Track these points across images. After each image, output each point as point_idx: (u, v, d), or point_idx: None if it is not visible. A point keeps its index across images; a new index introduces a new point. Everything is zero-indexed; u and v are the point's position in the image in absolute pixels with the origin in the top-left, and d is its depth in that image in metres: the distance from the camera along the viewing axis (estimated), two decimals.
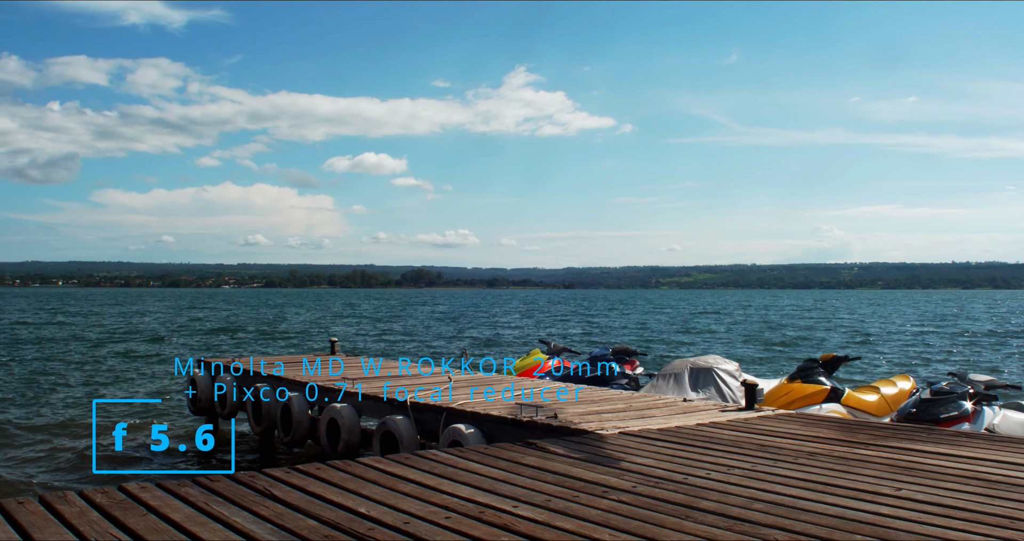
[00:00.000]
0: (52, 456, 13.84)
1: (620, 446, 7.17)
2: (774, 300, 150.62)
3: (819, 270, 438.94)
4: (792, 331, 50.99)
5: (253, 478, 5.81)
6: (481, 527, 4.70)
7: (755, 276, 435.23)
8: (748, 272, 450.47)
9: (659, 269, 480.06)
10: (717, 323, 62.03)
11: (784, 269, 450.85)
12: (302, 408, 11.60)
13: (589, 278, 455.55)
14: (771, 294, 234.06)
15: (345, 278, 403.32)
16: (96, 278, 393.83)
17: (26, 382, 23.83)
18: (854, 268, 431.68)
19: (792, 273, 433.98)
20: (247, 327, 56.28)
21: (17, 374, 26.03)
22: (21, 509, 4.97)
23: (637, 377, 13.41)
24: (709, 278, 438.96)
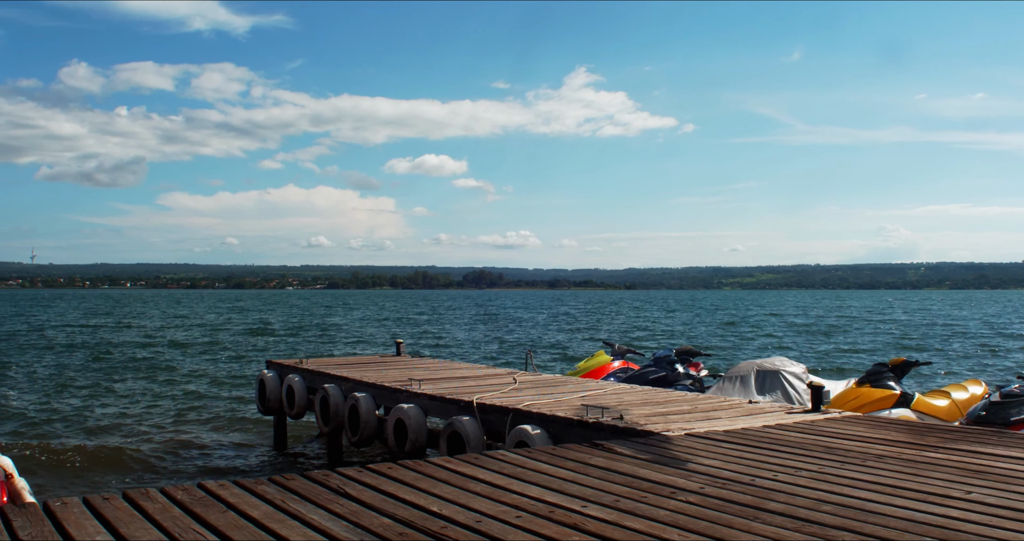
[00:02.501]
0: (130, 454, 14.18)
1: (686, 447, 7.20)
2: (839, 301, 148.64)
3: (884, 270, 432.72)
4: (859, 333, 50.36)
5: (327, 477, 5.95)
6: (551, 526, 4.78)
7: (819, 276, 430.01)
8: (812, 272, 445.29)
9: (721, 270, 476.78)
10: (782, 324, 61.45)
11: (848, 269, 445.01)
12: (370, 408, 11.77)
13: (650, 279, 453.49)
14: (835, 295, 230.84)
15: (407, 279, 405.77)
16: (163, 280, 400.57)
17: (103, 382, 24.41)
18: (920, 268, 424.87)
19: (857, 273, 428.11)
20: (312, 328, 56.91)
21: (93, 374, 26.65)
22: (107, 505, 5.15)
23: (702, 379, 13.39)
24: (772, 279, 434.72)
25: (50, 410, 18.91)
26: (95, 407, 19.41)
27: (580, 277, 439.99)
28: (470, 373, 13.37)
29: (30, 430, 16.29)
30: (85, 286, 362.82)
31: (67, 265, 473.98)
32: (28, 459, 13.34)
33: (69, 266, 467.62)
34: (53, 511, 4.99)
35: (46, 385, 23.79)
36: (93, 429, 16.47)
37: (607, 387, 11.52)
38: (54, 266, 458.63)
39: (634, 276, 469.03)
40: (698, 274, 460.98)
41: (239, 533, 4.62)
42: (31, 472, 12.31)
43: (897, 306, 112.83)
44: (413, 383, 11.61)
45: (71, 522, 4.77)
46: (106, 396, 21.36)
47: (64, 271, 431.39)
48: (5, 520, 4.80)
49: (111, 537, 4.53)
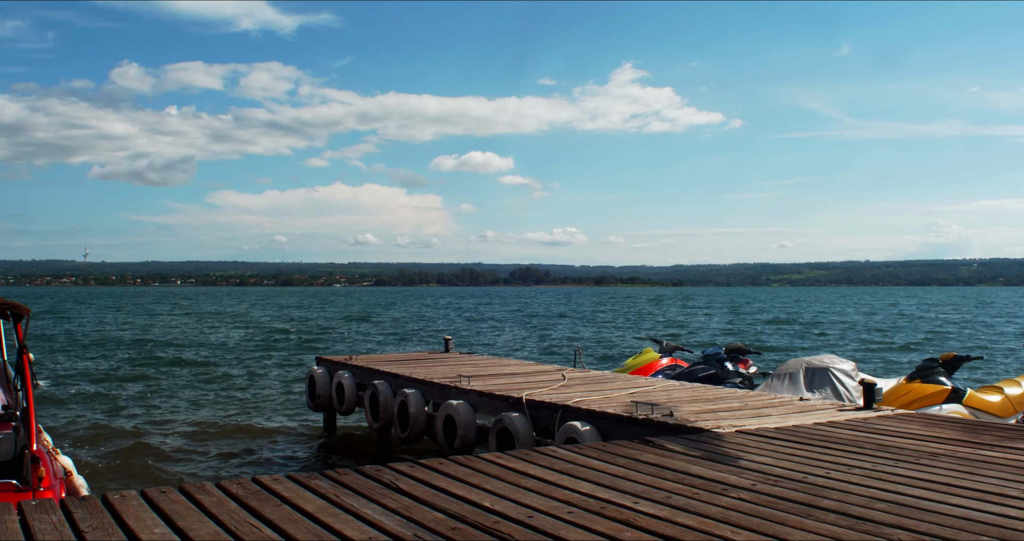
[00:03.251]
0: (184, 448, 14.37)
1: (737, 444, 7.18)
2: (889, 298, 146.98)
3: (936, 266, 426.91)
4: (910, 330, 49.80)
5: (379, 472, 6.01)
6: (603, 522, 4.79)
7: (869, 273, 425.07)
8: (861, 269, 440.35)
9: (770, 266, 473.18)
10: (831, 321, 60.90)
11: (899, 265, 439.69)
12: (419, 404, 11.84)
13: (698, 275, 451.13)
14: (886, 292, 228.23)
15: (453, 276, 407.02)
16: (213, 277, 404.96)
17: (156, 378, 24.76)
18: (973, 264, 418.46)
19: (907, 270, 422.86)
20: (360, 325, 57.27)
21: (146, 371, 27.03)
22: (164, 498, 5.24)
23: (751, 376, 13.33)
24: (821, 275, 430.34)
25: (105, 407, 19.21)
26: (149, 403, 19.69)
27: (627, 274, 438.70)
28: (519, 369, 13.40)
29: (86, 427, 16.56)
30: (136, 284, 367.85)
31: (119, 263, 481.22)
32: (85, 454, 13.57)
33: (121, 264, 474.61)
34: (112, 504, 5.09)
35: (100, 382, 24.18)
36: (147, 425, 16.70)
37: (656, 384, 11.49)
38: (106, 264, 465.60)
39: (681, 273, 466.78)
40: (746, 271, 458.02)
41: (294, 527, 4.68)
42: (87, 466, 12.53)
43: (948, 302, 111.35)
44: (462, 379, 11.65)
45: (130, 515, 4.86)
46: (159, 392, 21.66)
47: (116, 269, 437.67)
48: (66, 512, 4.90)
49: (169, 530, 4.61)
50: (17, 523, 4.68)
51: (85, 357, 32.13)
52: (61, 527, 4.62)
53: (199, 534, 4.53)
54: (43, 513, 4.87)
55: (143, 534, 4.51)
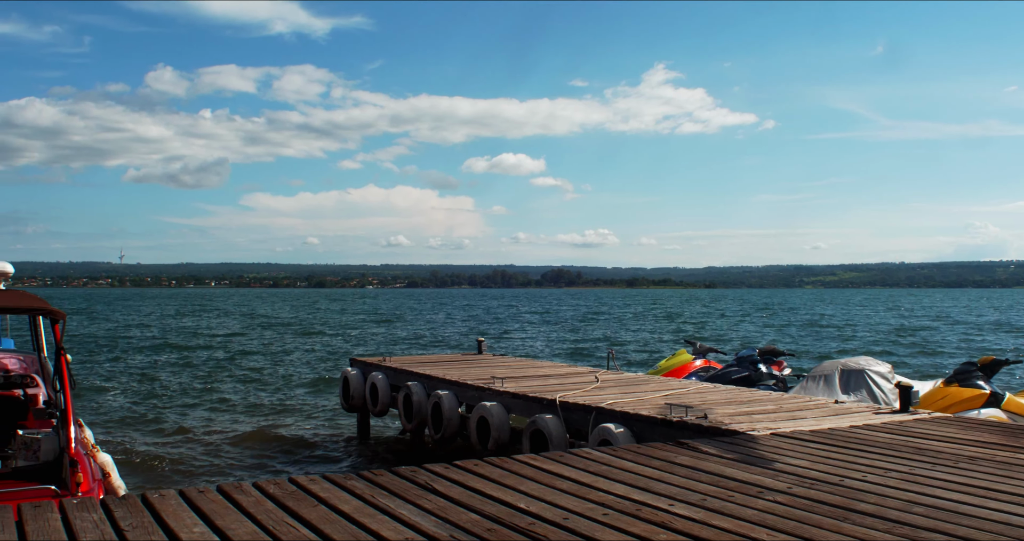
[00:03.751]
0: (220, 449, 14.49)
1: (772, 447, 7.15)
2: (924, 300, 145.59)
3: (972, 268, 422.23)
4: (947, 333, 49.33)
5: (415, 473, 6.04)
6: (639, 524, 4.79)
7: (903, 275, 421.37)
8: (896, 271, 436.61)
9: (803, 268, 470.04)
10: (865, 323, 60.44)
11: (934, 267, 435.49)
12: (452, 406, 11.87)
13: (730, 277, 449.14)
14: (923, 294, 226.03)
15: (485, 278, 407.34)
16: (246, 279, 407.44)
17: (192, 379, 24.96)
18: (1011, 266, 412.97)
19: (943, 271, 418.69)
20: (393, 326, 57.45)
21: (181, 372, 27.26)
22: (202, 497, 5.29)
23: (785, 378, 13.26)
24: (855, 277, 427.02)
25: (142, 406, 19.40)
26: (184, 404, 19.86)
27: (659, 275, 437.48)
28: (552, 371, 13.40)
29: (124, 425, 16.74)
30: (171, 285, 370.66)
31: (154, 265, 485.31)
32: (123, 453, 13.70)
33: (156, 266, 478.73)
34: (151, 503, 5.14)
35: (137, 382, 24.41)
36: (183, 425, 16.84)
37: (690, 386, 11.46)
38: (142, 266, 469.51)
39: (714, 274, 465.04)
40: (779, 272, 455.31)
41: (331, 527, 4.71)
42: (126, 465, 12.65)
43: (986, 304, 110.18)
44: (495, 381, 11.67)
45: (169, 513, 4.91)
46: (194, 393, 21.84)
47: (151, 271, 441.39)
48: (107, 510, 4.96)
49: (207, 529, 4.66)
50: (59, 521, 4.74)
51: (122, 357, 32.45)
52: (102, 525, 4.68)
53: (237, 533, 4.57)
54: (84, 511, 4.93)
55: (182, 533, 4.56)
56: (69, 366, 7.38)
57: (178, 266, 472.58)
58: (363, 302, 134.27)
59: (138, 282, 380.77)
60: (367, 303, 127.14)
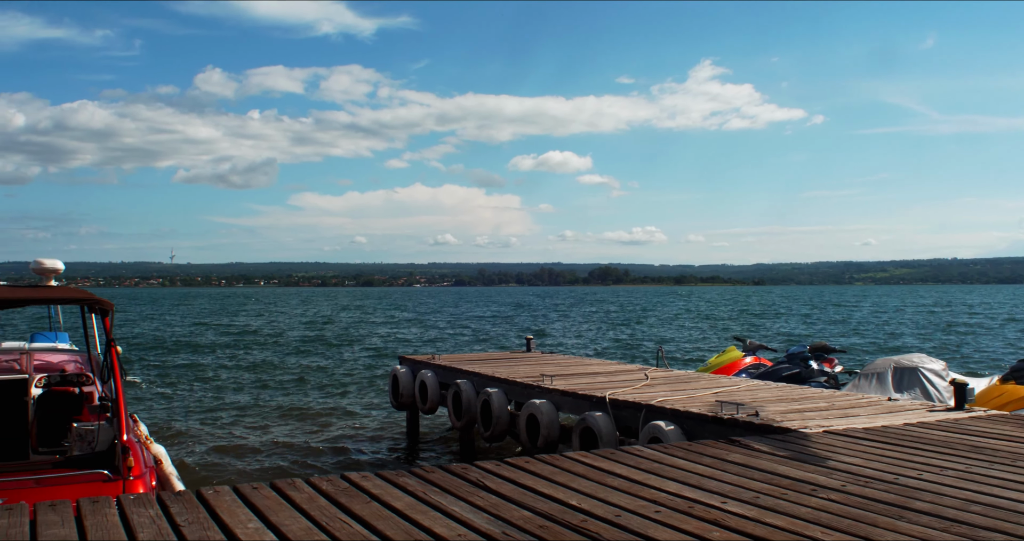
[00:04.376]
0: (270, 446, 14.63)
1: (825, 445, 7.09)
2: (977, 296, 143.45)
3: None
4: (1000, 330, 48.59)
5: (466, 470, 6.06)
6: (691, 522, 4.77)
7: (956, 271, 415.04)
8: (948, 267, 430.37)
9: (853, 264, 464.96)
10: (918, 320, 59.68)
11: (987, 263, 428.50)
12: (502, 404, 11.88)
13: (779, 274, 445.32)
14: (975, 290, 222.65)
15: (532, 276, 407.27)
16: (295, 278, 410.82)
17: (244, 377, 25.23)
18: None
19: (996, 267, 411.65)
20: (441, 325, 57.64)
21: (234, 370, 27.55)
22: (256, 493, 5.35)
23: (836, 375, 13.14)
24: (906, 273, 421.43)
25: (192, 403, 19.64)
26: (235, 400, 20.08)
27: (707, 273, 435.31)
28: (601, 369, 13.38)
29: (176, 422, 16.94)
30: (221, 285, 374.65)
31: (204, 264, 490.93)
32: (178, 449, 13.87)
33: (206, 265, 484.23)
34: (206, 498, 5.20)
35: (189, 379, 24.72)
36: (234, 422, 17.04)
37: (740, 383, 11.39)
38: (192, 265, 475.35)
39: (762, 271, 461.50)
40: (829, 269, 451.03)
41: (384, 523, 4.74)
42: (180, 461, 12.82)
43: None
44: (545, 379, 11.67)
45: (223, 509, 4.97)
46: (244, 391, 22.07)
47: (201, 270, 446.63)
48: (163, 506, 5.03)
49: (262, 525, 4.70)
50: (117, 516, 4.82)
51: (175, 355, 32.87)
52: (159, 521, 4.74)
53: (291, 529, 4.61)
54: (141, 507, 5.00)
55: (237, 529, 4.61)
56: (119, 357, 7.50)
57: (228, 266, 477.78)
58: (411, 300, 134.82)
59: (188, 282, 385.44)
60: (415, 301, 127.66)
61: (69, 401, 8.27)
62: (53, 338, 13.64)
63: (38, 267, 10.41)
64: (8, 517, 4.77)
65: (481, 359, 15.30)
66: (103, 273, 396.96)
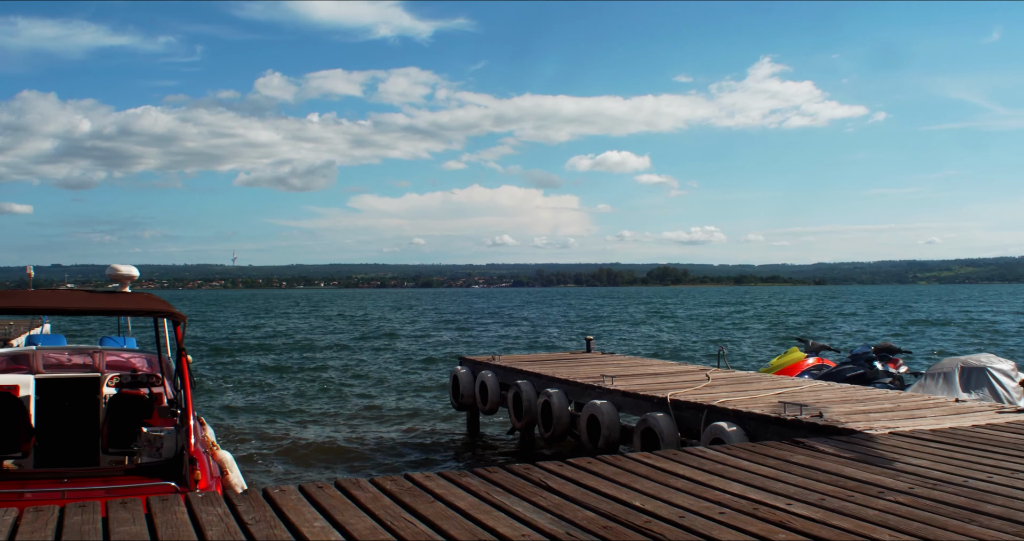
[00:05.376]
0: (333, 446, 14.76)
1: (891, 446, 6.99)
2: None
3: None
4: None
5: (528, 470, 6.06)
6: (756, 523, 4.74)
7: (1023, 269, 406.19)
8: (1015, 265, 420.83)
9: (916, 263, 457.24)
10: (984, 319, 58.59)
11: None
12: (562, 404, 11.88)
13: (841, 274, 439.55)
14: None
15: (591, 277, 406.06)
16: (354, 279, 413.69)
17: (305, 378, 25.49)
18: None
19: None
20: (500, 325, 57.72)
21: (296, 371, 27.85)
22: (321, 493, 5.40)
23: (901, 376, 12.96)
24: (972, 272, 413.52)
25: (256, 405, 19.88)
26: (297, 402, 20.29)
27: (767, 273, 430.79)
28: (661, 369, 13.32)
29: (240, 423, 17.16)
30: (282, 286, 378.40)
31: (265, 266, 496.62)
32: (240, 450, 14.04)
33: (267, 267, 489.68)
34: (273, 497, 5.27)
35: (252, 382, 25.02)
36: (295, 422, 17.21)
37: (803, 384, 11.28)
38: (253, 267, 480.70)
39: (823, 271, 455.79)
40: (891, 268, 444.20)
41: (448, 523, 4.76)
42: (244, 462, 12.97)
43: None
44: (605, 379, 11.65)
45: (289, 508, 5.03)
46: (307, 392, 22.31)
47: (262, 272, 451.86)
48: (231, 504, 5.10)
49: (328, 523, 4.75)
50: (185, 514, 4.90)
51: (238, 358, 33.30)
52: (226, 519, 4.81)
53: (357, 528, 4.66)
54: (209, 505, 5.08)
55: (304, 527, 4.66)
56: (190, 366, 7.60)
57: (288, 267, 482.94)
58: (470, 301, 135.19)
59: (250, 284, 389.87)
60: (474, 302, 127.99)
61: (139, 404, 8.40)
62: (122, 343, 13.89)
63: (114, 273, 10.62)
64: (81, 514, 4.88)
65: (541, 360, 15.31)
66: (167, 275, 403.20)
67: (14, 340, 18.61)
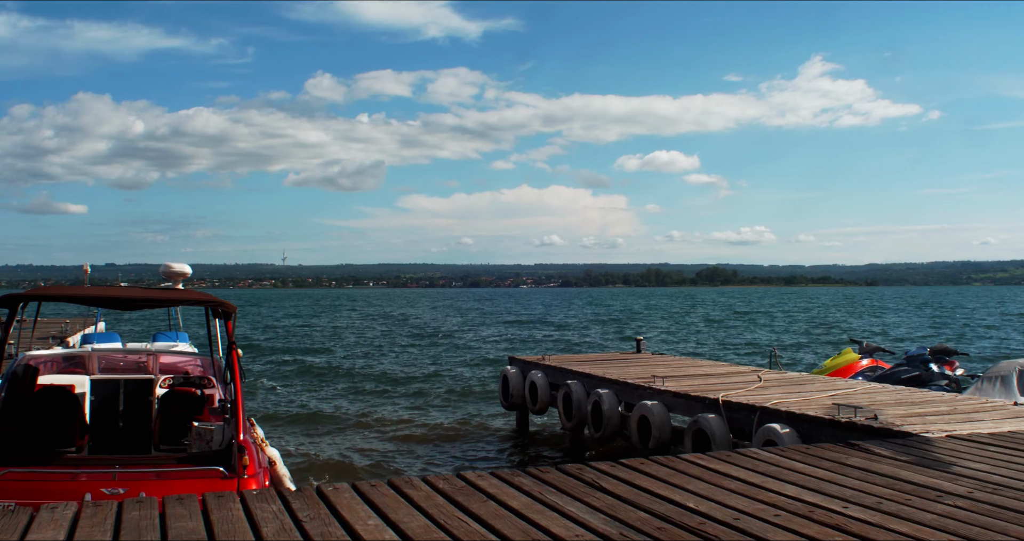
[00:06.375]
0: (384, 445, 14.84)
1: (949, 450, 6.90)
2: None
3: None
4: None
5: (581, 470, 6.06)
6: (812, 526, 4.70)
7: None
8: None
9: (971, 264, 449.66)
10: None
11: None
12: (612, 404, 11.85)
13: (893, 274, 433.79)
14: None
15: (639, 277, 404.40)
16: (403, 279, 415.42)
17: (356, 377, 25.66)
18: None
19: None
20: (548, 325, 57.71)
21: (346, 371, 28.03)
22: (374, 491, 5.43)
23: (958, 379, 12.77)
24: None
25: (306, 403, 20.03)
26: (346, 402, 20.42)
27: (818, 273, 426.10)
28: (712, 370, 13.24)
29: (289, 422, 17.31)
30: (331, 286, 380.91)
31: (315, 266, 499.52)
32: (289, 447, 14.17)
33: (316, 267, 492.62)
34: (326, 495, 5.31)
35: (305, 380, 25.23)
36: (346, 421, 17.32)
37: (857, 386, 11.16)
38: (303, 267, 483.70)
39: (875, 272, 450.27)
40: (945, 269, 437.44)
41: (501, 522, 4.77)
42: (292, 458, 13.08)
43: None
44: (656, 380, 11.60)
45: (343, 506, 5.07)
46: (355, 392, 22.44)
47: (312, 272, 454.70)
48: (285, 501, 5.15)
49: (381, 521, 4.78)
50: (241, 511, 4.95)
51: (287, 356, 33.59)
52: (281, 516, 4.86)
53: (410, 526, 4.68)
54: (263, 502, 5.13)
55: (357, 525, 4.69)
56: (240, 360, 7.71)
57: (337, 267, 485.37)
58: (517, 301, 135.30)
59: (300, 283, 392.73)
60: (522, 302, 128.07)
61: (190, 401, 8.55)
62: (174, 338, 14.08)
63: (167, 270, 10.87)
64: (139, 509, 4.95)
65: (591, 360, 15.28)
66: (218, 274, 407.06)
67: (70, 338, 18.93)
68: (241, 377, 7.66)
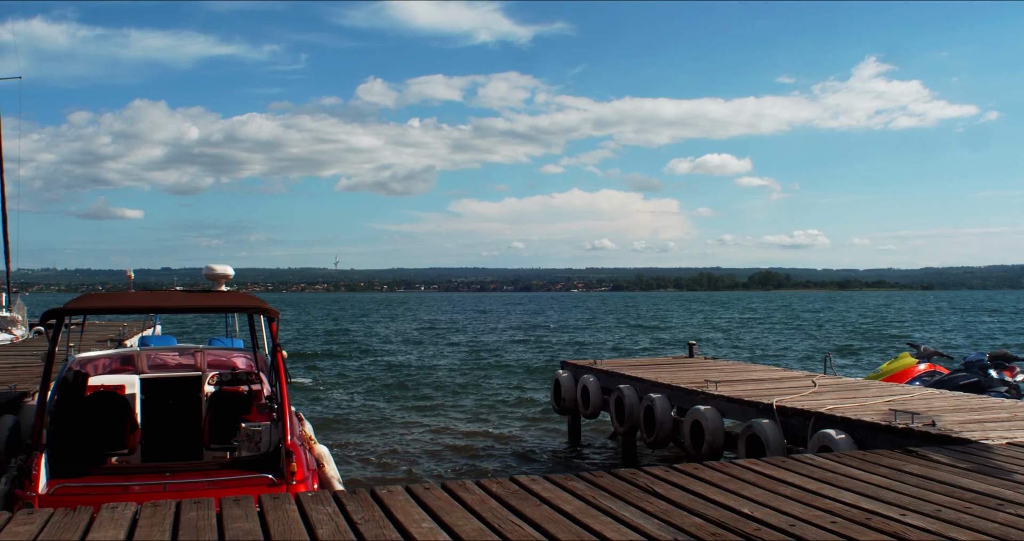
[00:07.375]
0: (436, 448, 14.90)
1: (1009, 457, 6.78)
2: None
3: None
4: None
5: (634, 475, 6.03)
6: (870, 533, 4.64)
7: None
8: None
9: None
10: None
11: None
12: (665, 409, 11.79)
13: (950, 278, 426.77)
14: None
15: (691, 281, 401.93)
16: (454, 283, 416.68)
17: (406, 381, 25.78)
18: None
19: None
20: (601, 330, 57.59)
21: (396, 374, 28.17)
22: (428, 494, 5.46)
23: (1018, 385, 12.55)
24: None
25: (357, 405, 20.17)
26: (397, 404, 20.53)
27: (872, 277, 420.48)
28: (766, 375, 13.12)
29: (338, 423, 17.44)
30: (383, 290, 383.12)
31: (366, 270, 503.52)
32: (338, 449, 14.27)
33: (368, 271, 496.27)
34: (380, 497, 5.35)
35: (355, 381, 25.41)
36: (398, 424, 17.41)
37: (914, 392, 11.00)
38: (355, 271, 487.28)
39: (931, 276, 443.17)
40: (1003, 273, 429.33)
41: (555, 526, 4.77)
42: (346, 463, 13.17)
43: None
44: (709, 385, 11.52)
45: (397, 508, 5.10)
46: (409, 393, 22.57)
47: (364, 276, 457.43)
48: (340, 504, 5.19)
49: (435, 525, 4.80)
50: (296, 512, 5.00)
51: (339, 359, 33.84)
52: (336, 518, 4.91)
53: (465, 530, 4.69)
54: (319, 504, 5.18)
55: (412, 527, 4.72)
56: (284, 362, 7.78)
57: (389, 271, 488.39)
58: (569, 305, 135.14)
59: (352, 287, 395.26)
60: (573, 306, 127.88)
61: (238, 401, 8.64)
62: (229, 344, 14.22)
63: (210, 273, 11.08)
64: (196, 510, 5.03)
65: (643, 364, 15.23)
66: (271, 279, 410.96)
67: (128, 341, 19.21)
68: (287, 379, 7.74)
